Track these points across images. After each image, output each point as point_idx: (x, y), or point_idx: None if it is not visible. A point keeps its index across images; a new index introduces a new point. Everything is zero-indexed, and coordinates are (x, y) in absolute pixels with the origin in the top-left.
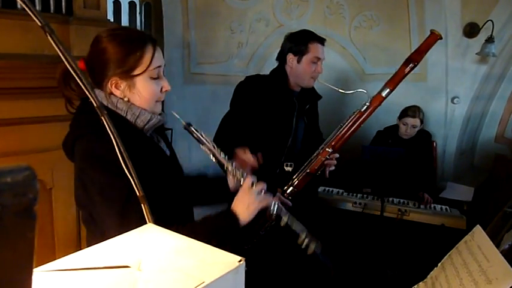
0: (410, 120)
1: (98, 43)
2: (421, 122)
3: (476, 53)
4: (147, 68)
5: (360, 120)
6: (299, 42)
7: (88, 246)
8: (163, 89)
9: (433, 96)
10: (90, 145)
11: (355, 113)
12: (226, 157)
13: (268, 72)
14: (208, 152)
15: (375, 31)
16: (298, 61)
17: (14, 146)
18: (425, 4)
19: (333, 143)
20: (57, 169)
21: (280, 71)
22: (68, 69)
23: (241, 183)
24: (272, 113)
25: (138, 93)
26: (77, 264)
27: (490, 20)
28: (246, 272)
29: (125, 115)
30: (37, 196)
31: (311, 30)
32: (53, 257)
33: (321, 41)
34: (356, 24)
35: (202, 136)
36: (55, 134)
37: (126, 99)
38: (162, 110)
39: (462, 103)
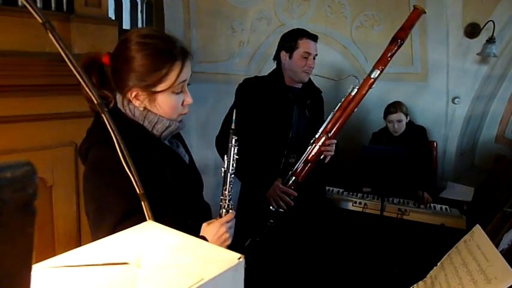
0: (393, 117)
1: (125, 49)
2: (406, 115)
3: (477, 54)
4: (171, 86)
5: (351, 104)
6: (289, 39)
7: None
8: (185, 103)
9: (433, 96)
10: (100, 154)
11: (346, 97)
12: (232, 184)
13: (269, 71)
14: (225, 166)
15: (376, 31)
16: (290, 57)
17: (14, 143)
18: (426, 4)
19: (327, 129)
20: (57, 167)
21: (276, 70)
22: (90, 60)
23: (223, 214)
24: (271, 109)
25: (158, 107)
26: (76, 260)
27: (491, 21)
28: (246, 270)
29: (142, 123)
30: (37, 191)
31: (312, 29)
32: (53, 255)
33: (312, 37)
34: (357, 23)
35: (234, 149)
36: (56, 131)
37: (143, 109)
38: None
39: (463, 103)
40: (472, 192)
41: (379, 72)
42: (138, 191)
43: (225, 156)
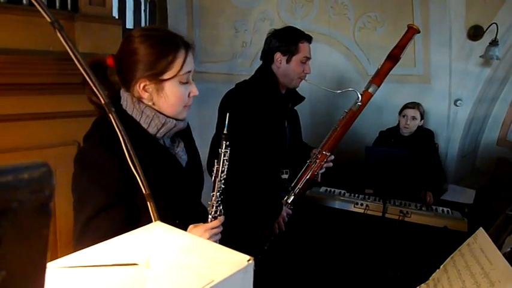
0: (409, 112)
1: (129, 43)
2: (421, 116)
3: (480, 56)
4: (177, 73)
5: (352, 120)
6: (289, 41)
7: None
8: (191, 94)
9: (436, 98)
10: (88, 148)
11: (348, 113)
12: (221, 190)
13: None
14: (214, 171)
15: (379, 32)
16: (288, 61)
17: (17, 141)
18: (429, 6)
19: (330, 146)
20: (60, 165)
21: (268, 72)
22: (94, 62)
23: (209, 218)
24: (269, 119)
25: (166, 97)
26: (85, 261)
27: (495, 23)
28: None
29: (138, 120)
30: (53, 192)
31: (315, 30)
32: (55, 255)
33: (310, 39)
34: (360, 25)
35: (224, 155)
36: (58, 130)
37: (151, 103)
38: None
39: (465, 106)
40: (474, 195)
41: (377, 87)
42: (144, 191)
43: (215, 160)
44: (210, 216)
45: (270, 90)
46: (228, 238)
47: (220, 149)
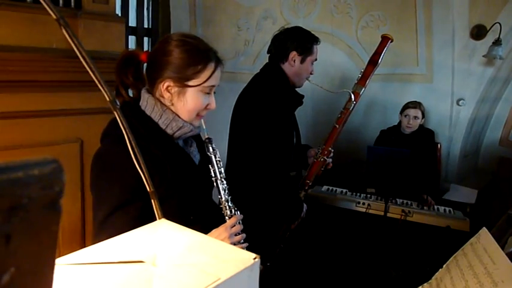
0: (411, 111)
1: (166, 43)
2: (423, 114)
3: (483, 56)
4: (202, 83)
5: (347, 117)
6: (306, 42)
7: None
8: (208, 107)
9: (438, 97)
10: (106, 148)
11: (344, 112)
12: (226, 189)
13: None
14: (213, 175)
15: (382, 31)
16: (302, 61)
17: (20, 139)
18: (432, 5)
19: (332, 142)
20: (63, 163)
21: (280, 71)
22: (128, 55)
23: (226, 218)
24: (287, 117)
25: (185, 102)
26: (91, 258)
27: (498, 23)
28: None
29: (157, 120)
30: (63, 189)
31: (318, 28)
32: (57, 252)
33: (319, 42)
34: (363, 24)
35: (215, 157)
36: (61, 127)
37: (170, 104)
38: None
39: (467, 105)
40: (476, 195)
41: (363, 88)
42: (148, 189)
43: (209, 165)
44: (226, 218)
45: (287, 90)
46: (250, 239)
47: (208, 153)
